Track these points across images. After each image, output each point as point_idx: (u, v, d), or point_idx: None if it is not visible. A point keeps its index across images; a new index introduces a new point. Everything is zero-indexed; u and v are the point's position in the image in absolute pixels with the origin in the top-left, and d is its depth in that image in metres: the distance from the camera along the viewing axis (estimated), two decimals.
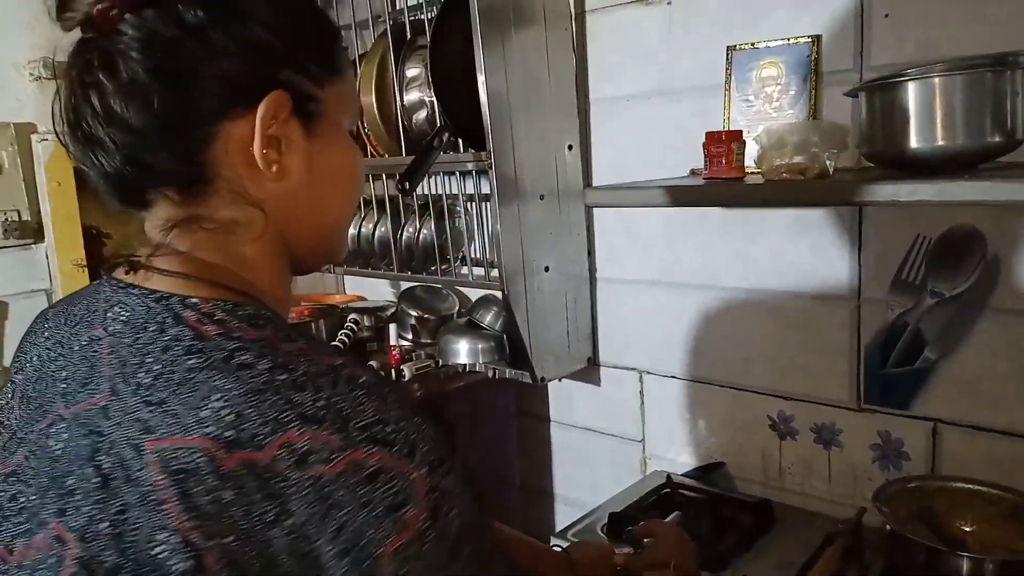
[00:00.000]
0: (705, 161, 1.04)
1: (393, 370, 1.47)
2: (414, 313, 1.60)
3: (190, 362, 0.48)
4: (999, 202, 0.80)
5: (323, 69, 0.58)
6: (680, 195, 1.04)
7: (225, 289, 0.54)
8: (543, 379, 1.40)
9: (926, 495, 1.02)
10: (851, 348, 1.15)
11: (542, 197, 1.33)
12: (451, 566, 0.47)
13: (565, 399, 1.58)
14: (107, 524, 0.46)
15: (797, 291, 1.20)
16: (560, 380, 1.56)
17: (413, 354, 1.55)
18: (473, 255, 1.52)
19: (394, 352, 1.52)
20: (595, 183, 1.40)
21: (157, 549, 0.45)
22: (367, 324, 1.67)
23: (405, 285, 1.69)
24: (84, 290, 0.59)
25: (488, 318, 1.51)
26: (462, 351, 1.49)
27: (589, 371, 1.49)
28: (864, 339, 1.14)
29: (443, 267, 1.47)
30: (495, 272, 1.36)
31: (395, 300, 1.69)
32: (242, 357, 0.48)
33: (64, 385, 0.52)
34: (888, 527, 0.95)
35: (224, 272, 0.55)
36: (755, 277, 1.24)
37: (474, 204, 1.47)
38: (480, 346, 1.48)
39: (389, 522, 0.45)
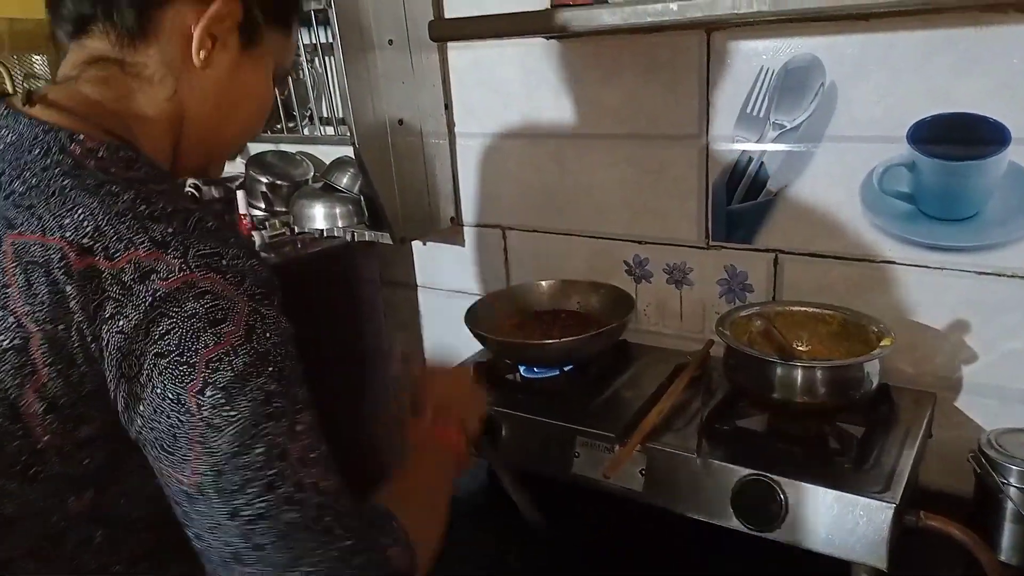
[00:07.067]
0: None
1: None
2: (264, 179, 1.50)
3: (64, 182, 0.54)
4: (830, 10, 0.80)
5: (277, 17, 0.68)
6: (526, 22, 1.00)
7: (113, 135, 0.59)
8: (403, 239, 1.36)
9: (764, 320, 1.06)
10: (699, 188, 1.17)
11: (391, 42, 1.25)
12: (258, 376, 0.53)
13: (431, 263, 1.55)
14: None
15: (649, 134, 1.19)
16: (425, 244, 1.52)
17: (266, 222, 1.46)
18: (323, 114, 1.43)
19: (244, 221, 1.43)
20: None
21: None
22: (216, 195, 1.55)
23: (254, 152, 1.57)
24: None
25: (344, 180, 1.43)
26: (318, 215, 1.42)
27: (453, 232, 1.46)
28: (712, 178, 1.16)
29: (289, 125, 1.38)
30: (347, 132, 1.27)
31: (244, 170, 1.57)
32: (112, 187, 0.54)
33: None
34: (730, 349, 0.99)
35: (117, 120, 0.61)
36: (610, 122, 1.22)
37: (318, 57, 1.37)
38: (337, 209, 1.42)
39: (208, 334, 0.52)
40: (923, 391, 1.05)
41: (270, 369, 0.54)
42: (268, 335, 0.54)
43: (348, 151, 1.41)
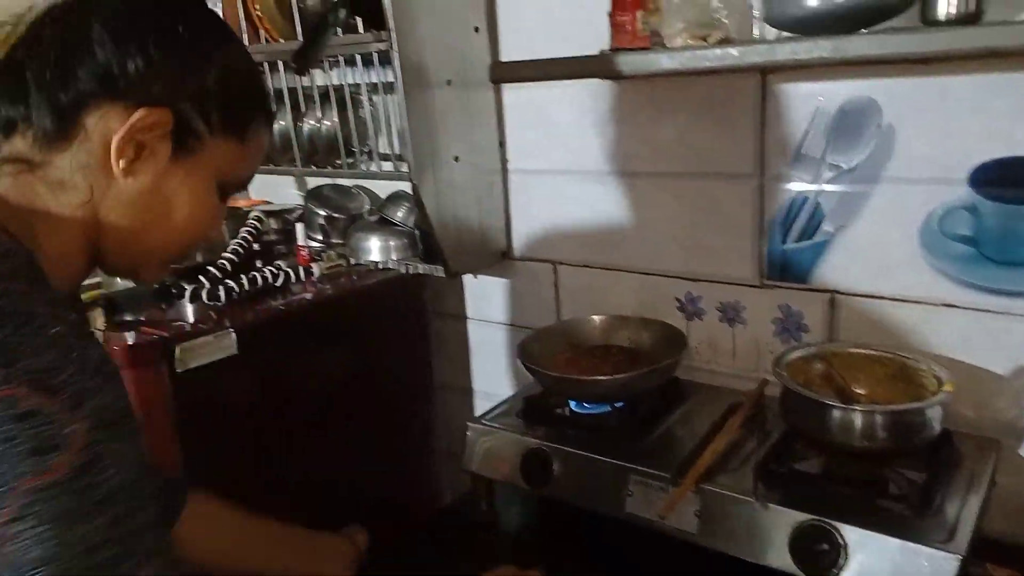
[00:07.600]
0: (611, 33, 1.02)
1: (302, 269, 1.43)
2: (322, 212, 1.54)
3: None
4: (890, 56, 0.80)
5: (226, 125, 0.64)
6: (585, 66, 1.02)
7: (5, 232, 0.56)
8: (456, 272, 1.38)
9: (822, 361, 1.06)
10: (754, 226, 1.17)
11: (449, 82, 1.28)
12: (91, 519, 0.48)
13: (481, 296, 1.57)
14: None
15: (703, 171, 1.20)
16: (476, 277, 1.55)
17: (323, 254, 1.50)
18: (381, 150, 1.47)
19: (303, 252, 1.47)
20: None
21: None
22: (274, 227, 1.60)
23: (312, 185, 1.62)
24: None
25: (400, 214, 1.47)
26: (373, 248, 1.45)
27: (504, 265, 1.48)
28: (767, 216, 1.16)
29: (349, 160, 1.42)
30: (404, 167, 1.31)
31: (303, 202, 1.62)
32: None
33: None
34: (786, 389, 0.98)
35: (16, 216, 0.58)
36: (663, 160, 1.24)
37: (379, 96, 1.41)
38: (392, 242, 1.45)
39: (31, 462, 0.46)
40: (985, 437, 1.03)
41: (111, 513, 0.48)
42: (111, 472, 0.49)
43: (404, 186, 1.45)
